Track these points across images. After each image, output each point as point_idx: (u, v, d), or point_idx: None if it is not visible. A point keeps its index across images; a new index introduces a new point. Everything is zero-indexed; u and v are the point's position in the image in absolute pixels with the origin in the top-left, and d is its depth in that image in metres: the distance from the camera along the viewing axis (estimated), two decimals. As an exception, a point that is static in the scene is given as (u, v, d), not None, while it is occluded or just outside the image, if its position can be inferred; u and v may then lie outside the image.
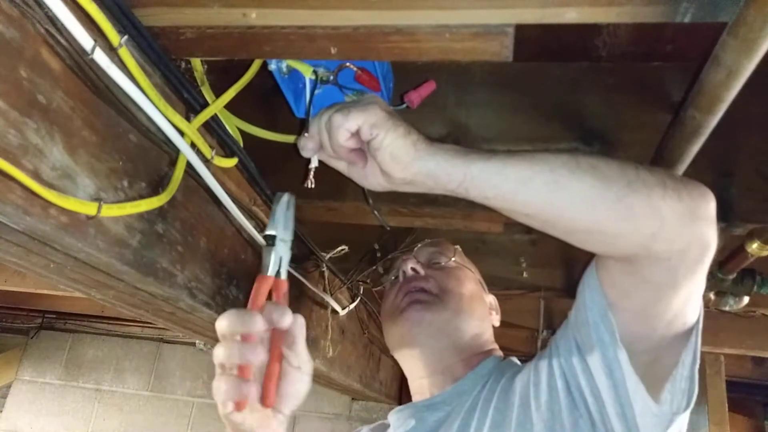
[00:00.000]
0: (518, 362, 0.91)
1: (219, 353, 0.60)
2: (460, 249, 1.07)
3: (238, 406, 0.61)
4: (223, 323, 0.60)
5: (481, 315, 0.96)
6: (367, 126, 0.60)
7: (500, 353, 0.94)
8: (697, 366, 0.64)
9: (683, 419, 0.65)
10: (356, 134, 0.62)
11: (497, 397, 0.78)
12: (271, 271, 0.65)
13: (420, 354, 0.90)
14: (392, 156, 0.60)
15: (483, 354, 0.91)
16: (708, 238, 0.59)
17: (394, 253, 1.09)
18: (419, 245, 1.05)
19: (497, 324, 1.02)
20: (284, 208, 0.67)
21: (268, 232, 0.66)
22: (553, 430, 0.69)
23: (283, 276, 0.66)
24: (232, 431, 0.67)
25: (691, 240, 0.58)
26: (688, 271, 0.60)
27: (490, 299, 1.04)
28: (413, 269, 0.98)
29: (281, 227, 0.66)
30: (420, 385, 0.92)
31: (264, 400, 0.63)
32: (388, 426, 0.93)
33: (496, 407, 0.76)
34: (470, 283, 0.99)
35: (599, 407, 0.67)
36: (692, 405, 0.64)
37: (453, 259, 1.02)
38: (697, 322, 0.65)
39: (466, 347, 0.90)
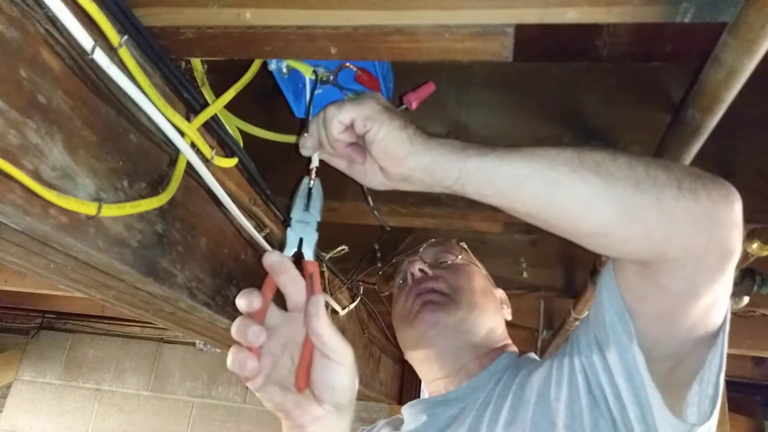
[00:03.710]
0: (536, 357, 0.88)
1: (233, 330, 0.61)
2: (465, 245, 1.05)
3: (246, 379, 0.61)
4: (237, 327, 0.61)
5: (493, 310, 0.94)
6: (360, 119, 0.59)
7: (515, 349, 0.92)
8: (723, 372, 0.58)
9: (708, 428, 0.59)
10: (351, 128, 0.61)
11: (512, 394, 0.75)
12: (287, 251, 0.65)
13: (436, 355, 0.89)
14: (387, 150, 0.59)
15: (497, 350, 0.90)
16: (730, 244, 0.53)
17: (398, 256, 1.07)
18: (423, 246, 1.03)
19: (509, 318, 1.01)
20: (303, 191, 0.68)
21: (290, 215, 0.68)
22: (573, 430, 0.66)
23: (307, 257, 0.65)
24: (281, 417, 0.64)
25: (709, 246, 0.53)
26: (708, 279, 0.55)
27: (500, 293, 1.03)
28: (421, 270, 0.96)
29: (298, 209, 0.67)
30: (437, 385, 0.90)
31: (295, 381, 0.62)
32: (402, 421, 0.92)
33: (512, 404, 0.74)
34: (479, 278, 0.97)
35: (620, 408, 0.64)
36: (715, 416, 0.58)
37: (459, 256, 1.00)
38: (723, 323, 0.60)
39: (482, 344, 0.89)
